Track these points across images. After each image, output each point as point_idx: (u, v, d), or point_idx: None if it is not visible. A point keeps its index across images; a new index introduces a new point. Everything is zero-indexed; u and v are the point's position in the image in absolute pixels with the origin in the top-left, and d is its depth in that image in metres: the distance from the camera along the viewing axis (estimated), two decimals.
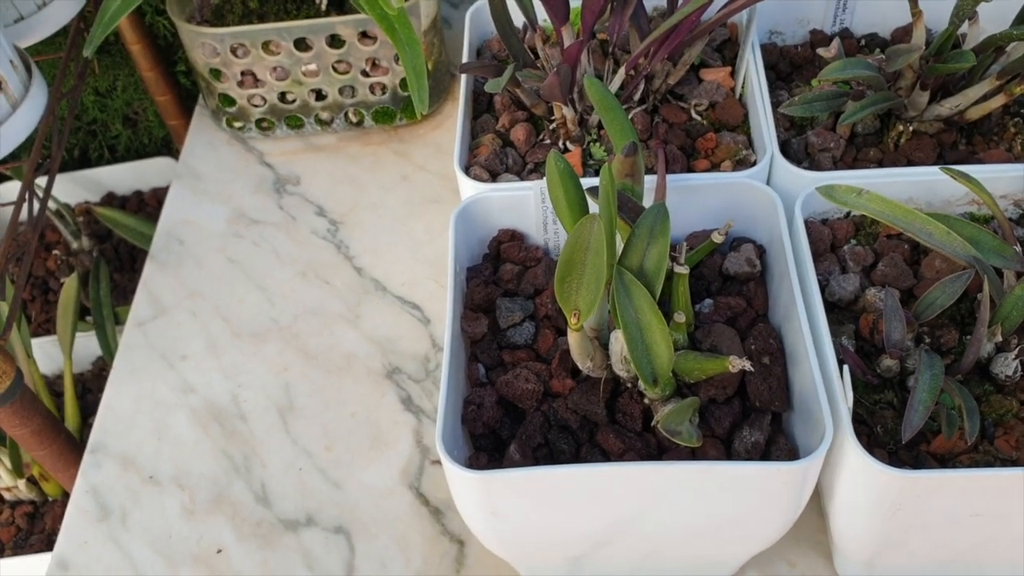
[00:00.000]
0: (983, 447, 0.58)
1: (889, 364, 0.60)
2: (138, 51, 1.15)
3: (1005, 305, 0.57)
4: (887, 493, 0.55)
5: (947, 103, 0.71)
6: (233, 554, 0.74)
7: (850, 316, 0.65)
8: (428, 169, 1.02)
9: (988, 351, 0.59)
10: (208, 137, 1.09)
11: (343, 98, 1.02)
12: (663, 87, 0.77)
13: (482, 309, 0.68)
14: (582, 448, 0.61)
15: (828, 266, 0.67)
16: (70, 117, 0.98)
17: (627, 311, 0.54)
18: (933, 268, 0.65)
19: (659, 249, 0.56)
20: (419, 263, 0.93)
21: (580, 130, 0.75)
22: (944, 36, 0.68)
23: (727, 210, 0.69)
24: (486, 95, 0.82)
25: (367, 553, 0.73)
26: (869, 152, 0.73)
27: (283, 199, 1.01)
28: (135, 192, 1.37)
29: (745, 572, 0.69)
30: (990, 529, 0.59)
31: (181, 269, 0.96)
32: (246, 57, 0.98)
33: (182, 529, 0.76)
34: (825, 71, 0.68)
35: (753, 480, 0.55)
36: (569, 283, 0.53)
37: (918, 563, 0.65)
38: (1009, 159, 0.72)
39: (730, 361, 0.54)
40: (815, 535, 0.70)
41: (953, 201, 0.68)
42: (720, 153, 0.74)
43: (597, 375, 0.60)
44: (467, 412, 0.62)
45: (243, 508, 0.77)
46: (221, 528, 0.76)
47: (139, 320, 0.92)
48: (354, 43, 0.97)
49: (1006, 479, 0.54)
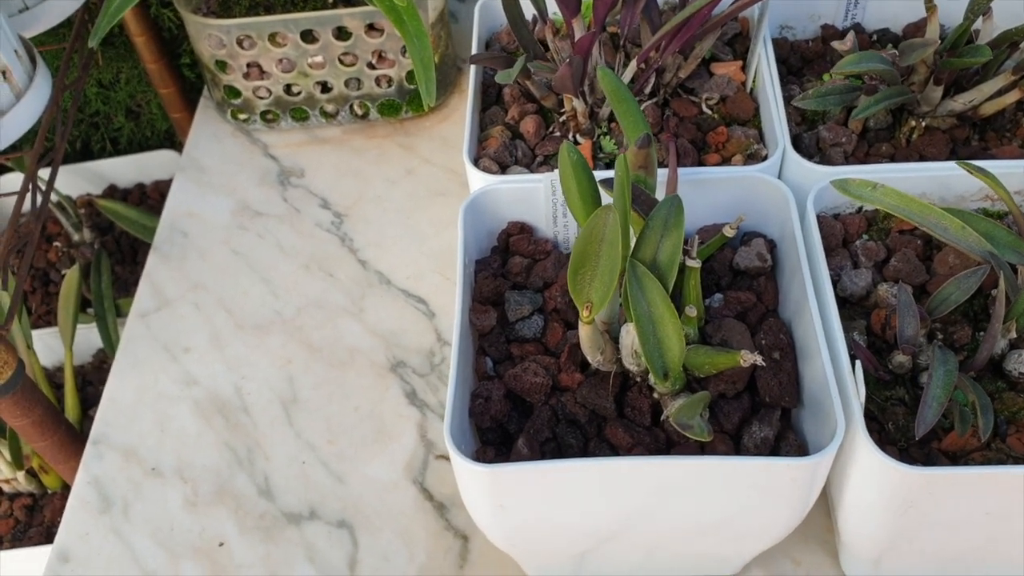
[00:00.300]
0: (995, 445, 0.57)
1: (901, 360, 0.59)
2: (142, 43, 1.15)
3: (1020, 301, 0.57)
4: (899, 490, 0.55)
5: (960, 98, 0.71)
6: (235, 547, 0.74)
7: (862, 312, 0.64)
8: (434, 162, 1.01)
9: (1002, 348, 0.58)
10: (213, 129, 1.08)
11: (349, 90, 1.02)
12: (674, 81, 0.76)
13: (490, 302, 0.67)
14: (590, 442, 0.60)
15: (840, 261, 0.66)
16: (73, 108, 0.97)
17: (640, 304, 0.53)
18: (946, 264, 0.64)
19: (673, 242, 0.55)
20: (424, 256, 0.92)
21: (590, 123, 0.74)
22: (959, 31, 0.67)
23: (738, 204, 0.69)
24: (495, 87, 0.82)
25: (370, 547, 0.73)
26: (881, 147, 0.73)
27: (287, 191, 1.00)
28: (137, 185, 1.36)
29: (750, 569, 0.69)
30: (1000, 528, 0.58)
31: (185, 261, 0.95)
32: (252, 49, 0.98)
33: (184, 521, 0.75)
34: (840, 64, 0.67)
35: (762, 476, 0.54)
36: (583, 275, 0.52)
37: (926, 561, 0.64)
38: (1022, 155, 0.72)
39: (741, 356, 0.54)
40: (821, 533, 0.70)
41: (967, 197, 0.68)
42: (731, 147, 0.73)
43: (607, 369, 0.60)
44: (475, 405, 0.61)
45: (246, 501, 0.76)
46: (223, 521, 0.75)
47: (142, 312, 0.91)
48: (361, 35, 0.96)
49: (1020, 478, 0.53)
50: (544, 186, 0.68)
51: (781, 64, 0.82)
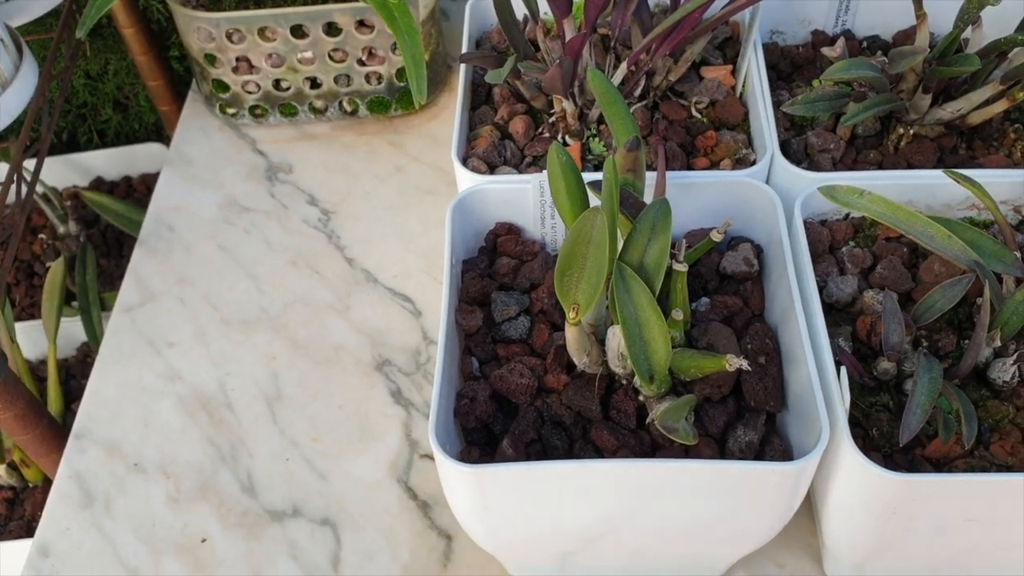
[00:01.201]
0: (979, 452, 0.57)
1: (886, 367, 0.60)
2: (131, 35, 1.14)
3: (1005, 311, 0.57)
4: (882, 496, 0.55)
5: (949, 107, 0.71)
6: (218, 544, 0.73)
7: (847, 318, 0.65)
8: (423, 160, 1.01)
9: (986, 356, 0.59)
10: (200, 123, 1.08)
11: (338, 87, 1.02)
12: (664, 84, 0.76)
13: (477, 302, 0.67)
14: (575, 444, 0.60)
15: (826, 267, 0.67)
16: (60, 99, 0.96)
17: (626, 307, 0.53)
18: (932, 272, 0.64)
19: (660, 245, 0.55)
20: (412, 255, 0.92)
21: (580, 124, 0.74)
22: (948, 40, 0.68)
23: (726, 209, 0.69)
24: (485, 86, 0.82)
25: (354, 546, 0.72)
26: (869, 154, 0.73)
27: (275, 187, 1.00)
28: (124, 177, 1.35)
29: (734, 572, 0.69)
30: (983, 534, 0.58)
31: (170, 255, 0.95)
32: (241, 43, 0.97)
33: (166, 517, 0.75)
34: (830, 71, 0.67)
35: (747, 480, 0.55)
36: (569, 277, 0.52)
37: (909, 567, 0.64)
38: (1009, 165, 0.72)
39: (727, 360, 0.54)
40: (805, 537, 0.70)
41: (953, 205, 0.68)
42: (720, 151, 0.73)
43: (593, 371, 0.60)
44: (460, 405, 0.61)
45: (229, 498, 0.76)
46: (206, 517, 0.75)
47: (127, 306, 0.91)
48: (351, 31, 0.96)
49: (1002, 485, 0.54)
50: (532, 187, 0.68)
51: (771, 69, 0.82)
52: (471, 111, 0.80)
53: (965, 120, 0.72)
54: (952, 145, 0.73)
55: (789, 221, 0.66)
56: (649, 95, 0.77)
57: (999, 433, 0.58)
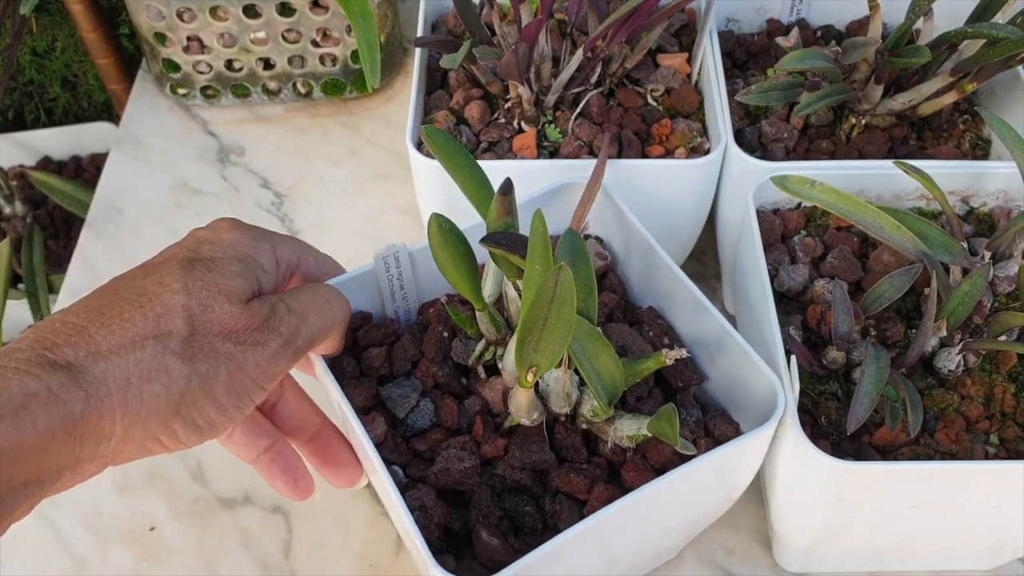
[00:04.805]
0: (924, 440, 0.58)
1: (835, 356, 0.60)
2: (79, 11, 1.11)
3: (951, 301, 0.58)
4: (830, 483, 0.55)
5: (900, 98, 0.72)
6: (167, 532, 0.72)
7: (798, 307, 0.65)
8: (377, 144, 1.00)
9: (933, 345, 0.59)
10: (151, 103, 1.06)
11: (292, 68, 1.00)
12: (620, 71, 0.76)
13: (368, 408, 0.61)
14: (543, 500, 0.57)
15: (778, 256, 0.67)
16: (5, 77, 0.94)
17: (575, 348, 0.52)
18: (881, 262, 0.65)
19: (584, 275, 0.54)
20: (365, 240, 0.91)
21: (535, 110, 0.74)
22: (900, 31, 0.68)
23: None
24: (440, 71, 0.81)
25: (305, 533, 0.72)
26: (822, 144, 0.74)
27: (227, 169, 0.99)
28: (72, 157, 1.32)
29: (683, 558, 0.70)
30: (928, 521, 0.60)
31: (119, 238, 0.93)
32: (192, 22, 0.96)
33: (114, 505, 0.74)
34: (783, 61, 0.67)
35: (733, 458, 0.55)
36: (529, 342, 0.50)
37: (857, 552, 0.65)
38: (958, 156, 0.73)
39: (665, 354, 0.53)
40: (754, 523, 0.71)
41: (903, 196, 0.69)
42: (674, 140, 0.73)
43: (537, 421, 0.57)
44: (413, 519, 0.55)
45: (178, 485, 0.75)
46: (155, 505, 0.74)
47: (74, 290, 0.89)
48: (305, 12, 0.94)
49: (946, 472, 0.55)
50: (378, 266, 0.63)
51: (726, 57, 0.82)
52: (427, 95, 0.79)
53: (916, 111, 0.73)
54: (903, 135, 0.74)
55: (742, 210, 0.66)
56: (605, 82, 0.77)
57: (944, 421, 0.59)
